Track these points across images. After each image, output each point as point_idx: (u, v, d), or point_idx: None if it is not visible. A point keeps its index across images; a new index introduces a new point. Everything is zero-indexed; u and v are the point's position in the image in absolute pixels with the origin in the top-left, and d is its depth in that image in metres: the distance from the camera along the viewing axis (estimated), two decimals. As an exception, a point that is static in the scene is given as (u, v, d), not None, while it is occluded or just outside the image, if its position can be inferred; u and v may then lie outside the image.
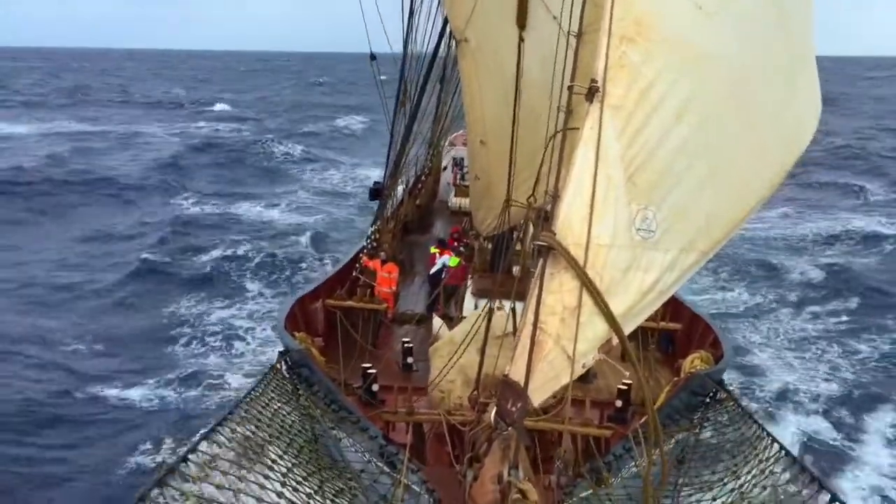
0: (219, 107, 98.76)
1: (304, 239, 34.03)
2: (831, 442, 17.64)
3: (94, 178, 45.47)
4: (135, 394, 18.75)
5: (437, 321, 14.27)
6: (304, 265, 30.14)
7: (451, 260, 16.26)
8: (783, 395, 19.56)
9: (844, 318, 25.45)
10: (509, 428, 5.31)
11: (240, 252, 31.31)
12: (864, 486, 15.75)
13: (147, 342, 22.22)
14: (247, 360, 20.89)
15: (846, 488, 15.30)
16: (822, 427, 18.21)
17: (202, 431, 7.18)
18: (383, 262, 16.03)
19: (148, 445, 16.04)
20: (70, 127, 72.59)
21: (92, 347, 21.58)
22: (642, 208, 5.33)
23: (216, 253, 31.35)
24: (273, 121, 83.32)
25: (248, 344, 22.06)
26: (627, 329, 5.46)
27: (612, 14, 5.24)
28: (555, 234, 5.22)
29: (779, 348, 23.02)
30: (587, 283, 5.13)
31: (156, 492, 5.48)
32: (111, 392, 18.72)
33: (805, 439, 17.57)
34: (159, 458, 15.17)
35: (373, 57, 18.17)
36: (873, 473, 16.26)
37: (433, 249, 17.81)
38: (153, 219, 37.80)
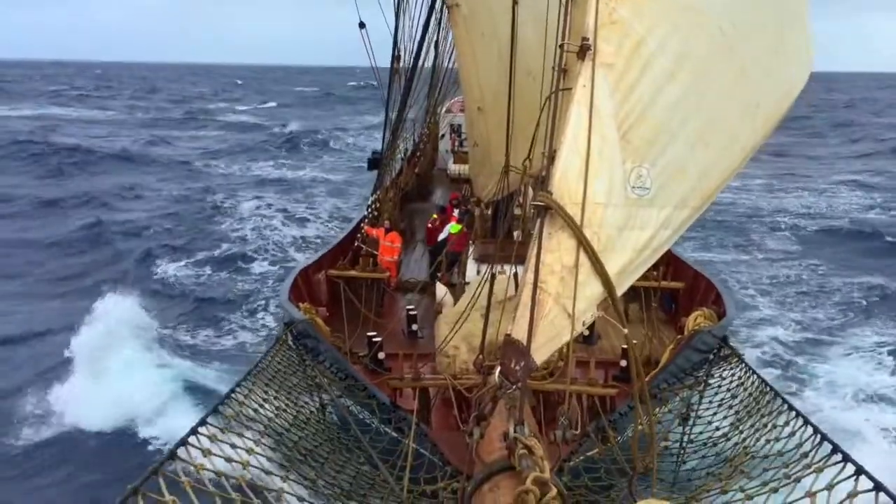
0: (269, 104, 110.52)
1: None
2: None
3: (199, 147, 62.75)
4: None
5: (440, 288, 14.33)
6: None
7: (452, 227, 16.31)
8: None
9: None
10: (514, 387, 5.37)
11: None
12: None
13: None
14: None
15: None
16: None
17: (210, 406, 7.24)
18: (387, 232, 16.06)
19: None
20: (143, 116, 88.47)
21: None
22: (637, 166, 5.34)
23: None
24: (331, 112, 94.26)
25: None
26: (624, 286, 5.50)
27: None
28: (551, 194, 5.24)
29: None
30: (584, 243, 5.15)
31: (168, 464, 5.56)
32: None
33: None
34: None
35: (361, 25, 18.02)
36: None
37: (433, 216, 17.86)
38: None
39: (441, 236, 16.78)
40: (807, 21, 6.13)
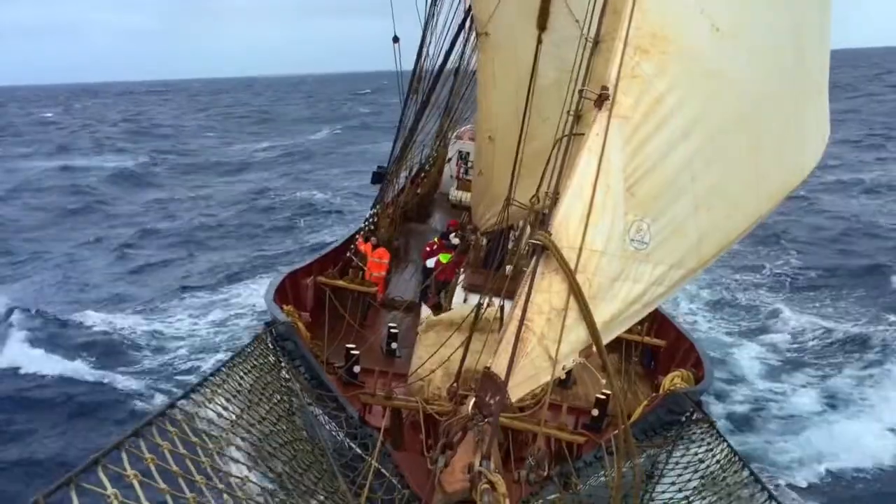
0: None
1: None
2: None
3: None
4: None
5: (425, 311, 14.29)
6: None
7: (442, 256, 16.31)
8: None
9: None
10: (485, 420, 5.37)
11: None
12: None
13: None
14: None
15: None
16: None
17: (181, 391, 7.23)
18: (374, 247, 16.05)
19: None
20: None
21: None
22: (638, 220, 5.38)
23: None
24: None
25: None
26: (610, 336, 5.51)
27: (629, 24, 5.29)
28: (550, 235, 5.27)
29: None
30: (575, 288, 5.18)
31: (133, 441, 5.57)
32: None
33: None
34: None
35: (395, 39, 18.20)
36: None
37: (435, 239, 17.85)
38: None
39: (430, 260, 16.77)
40: (825, 97, 6.20)
